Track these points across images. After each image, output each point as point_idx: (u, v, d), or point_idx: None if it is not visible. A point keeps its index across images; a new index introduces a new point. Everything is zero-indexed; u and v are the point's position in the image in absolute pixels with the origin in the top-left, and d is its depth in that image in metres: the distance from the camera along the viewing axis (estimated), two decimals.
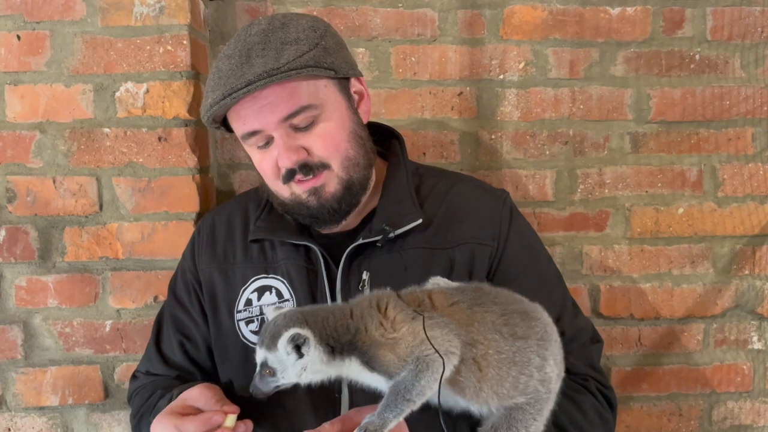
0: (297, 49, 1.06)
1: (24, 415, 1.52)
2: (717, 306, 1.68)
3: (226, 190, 1.64)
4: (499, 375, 0.96)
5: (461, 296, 1.01)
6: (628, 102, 1.65)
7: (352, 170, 1.15)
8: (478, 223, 1.21)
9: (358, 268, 1.16)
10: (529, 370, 0.98)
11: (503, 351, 0.97)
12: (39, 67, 1.47)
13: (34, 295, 1.50)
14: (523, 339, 0.98)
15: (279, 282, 1.20)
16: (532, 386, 0.98)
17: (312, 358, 0.93)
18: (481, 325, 0.98)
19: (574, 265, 1.66)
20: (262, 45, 1.06)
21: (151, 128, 1.48)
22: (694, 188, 1.66)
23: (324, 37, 1.11)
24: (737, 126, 1.66)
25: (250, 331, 1.20)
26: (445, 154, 1.64)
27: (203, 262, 1.26)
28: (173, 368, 1.27)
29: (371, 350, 0.94)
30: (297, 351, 0.93)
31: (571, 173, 1.65)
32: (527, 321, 1.01)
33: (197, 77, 1.50)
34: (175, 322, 1.29)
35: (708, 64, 1.65)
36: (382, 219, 1.17)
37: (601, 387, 1.20)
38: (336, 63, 1.11)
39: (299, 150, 1.11)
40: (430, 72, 1.62)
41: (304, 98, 1.08)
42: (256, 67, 1.04)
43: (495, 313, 0.99)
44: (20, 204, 1.49)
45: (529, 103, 1.64)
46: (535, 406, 0.99)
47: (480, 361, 0.96)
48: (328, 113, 1.11)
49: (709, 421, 1.69)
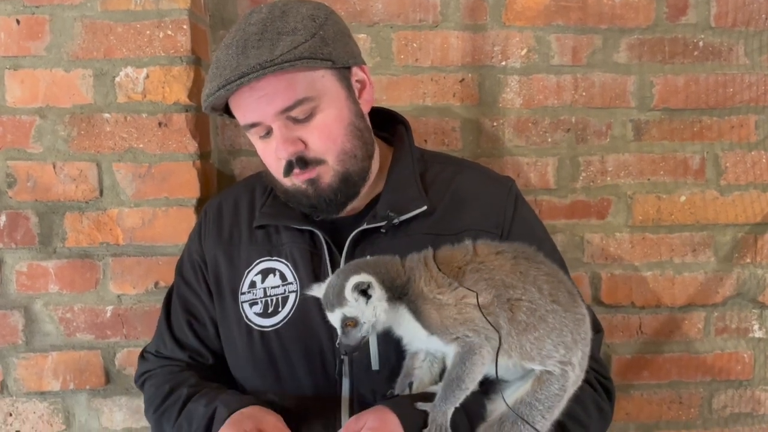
0: (293, 40, 1.05)
1: (25, 400, 1.52)
2: (718, 294, 1.67)
3: (227, 176, 1.64)
4: (527, 323, 0.97)
5: (507, 248, 1.04)
6: (631, 89, 1.64)
7: (349, 162, 1.14)
8: (483, 210, 1.21)
9: (362, 252, 1.16)
10: (557, 339, 0.98)
11: (537, 304, 0.98)
12: (39, 51, 1.46)
13: (35, 280, 1.50)
14: (562, 308, 1.00)
15: (283, 265, 1.20)
16: (553, 359, 0.98)
17: (379, 296, 0.97)
18: (524, 275, 1.00)
19: (575, 253, 1.66)
20: (259, 36, 1.05)
21: (152, 114, 1.47)
22: (696, 176, 1.66)
23: (323, 27, 1.09)
24: (740, 114, 1.65)
25: (254, 313, 1.20)
26: (446, 141, 1.63)
27: (209, 244, 1.27)
28: (184, 349, 1.27)
29: (418, 301, 0.98)
30: (364, 295, 0.97)
31: (573, 161, 1.65)
32: (571, 299, 1.02)
33: (197, 62, 1.49)
34: (183, 304, 1.29)
35: (712, 51, 1.64)
36: (387, 205, 1.17)
37: (600, 378, 1.20)
38: (334, 53, 1.09)
39: (296, 142, 1.10)
40: (431, 58, 1.61)
41: (301, 90, 1.07)
42: (251, 59, 1.03)
43: (541, 270, 1.01)
44: (20, 189, 1.48)
45: (532, 90, 1.63)
46: (547, 402, 0.99)
47: (513, 303, 0.98)
48: (326, 104, 1.10)
49: (709, 409, 1.69)
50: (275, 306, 1.19)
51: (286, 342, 1.16)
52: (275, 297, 1.19)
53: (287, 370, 1.17)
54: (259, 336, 1.19)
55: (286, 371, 1.17)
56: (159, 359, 1.29)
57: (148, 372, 1.29)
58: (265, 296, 1.20)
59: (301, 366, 1.15)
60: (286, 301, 1.18)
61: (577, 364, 1.01)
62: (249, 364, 1.21)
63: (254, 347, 1.19)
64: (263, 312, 1.19)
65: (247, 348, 1.20)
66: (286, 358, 1.16)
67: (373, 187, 1.22)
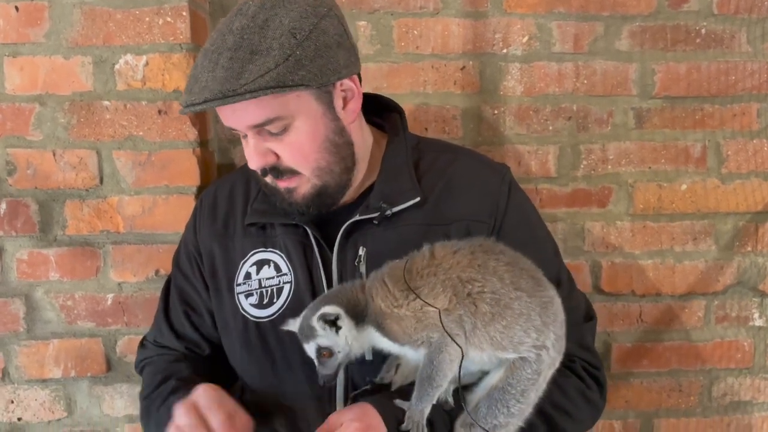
0: (262, 66, 1.00)
1: (27, 387, 1.53)
2: (719, 283, 1.67)
3: (227, 164, 1.63)
4: (493, 313, 0.98)
5: (464, 245, 1.04)
6: (633, 77, 1.63)
7: (327, 177, 1.13)
8: (476, 199, 1.20)
9: (355, 243, 1.16)
10: (526, 324, 0.99)
11: (499, 293, 0.99)
12: (38, 38, 1.46)
13: (36, 268, 1.50)
14: (526, 294, 1.00)
15: (277, 256, 1.20)
16: (526, 345, 0.99)
17: (349, 326, 1.00)
18: (482, 267, 1.00)
19: (575, 242, 1.65)
20: (232, 53, 1.00)
21: (151, 101, 1.47)
22: (697, 164, 1.65)
23: (302, 44, 1.03)
24: (742, 102, 1.64)
25: (249, 304, 1.20)
26: (447, 129, 1.63)
27: (204, 234, 1.27)
28: (181, 339, 1.28)
29: (379, 319, 1.00)
30: (333, 326, 1.00)
31: (574, 149, 1.64)
32: (535, 284, 1.02)
33: (197, 50, 1.48)
34: (180, 294, 1.29)
35: (714, 39, 1.63)
36: (380, 196, 1.17)
37: (589, 367, 1.20)
38: (308, 76, 1.03)
39: (267, 154, 1.09)
40: (432, 46, 1.60)
41: (271, 110, 1.05)
42: (217, 82, 1.00)
43: (500, 261, 1.02)
44: (20, 177, 1.48)
45: (533, 77, 1.62)
46: (519, 386, 1.00)
47: (475, 296, 0.98)
48: (300, 122, 1.08)
49: (708, 397, 1.70)
50: (270, 297, 1.19)
51: (282, 333, 1.16)
52: (270, 288, 1.20)
53: (283, 361, 1.18)
54: (254, 327, 1.19)
55: (282, 362, 1.18)
56: (157, 348, 1.29)
57: (147, 359, 1.30)
58: (260, 287, 1.20)
59: (296, 357, 1.15)
60: (281, 292, 1.19)
61: (551, 346, 1.01)
62: (245, 355, 1.21)
63: (250, 338, 1.19)
64: (258, 303, 1.20)
65: (243, 339, 1.20)
66: (282, 349, 1.17)
67: (366, 176, 1.22)
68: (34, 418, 1.53)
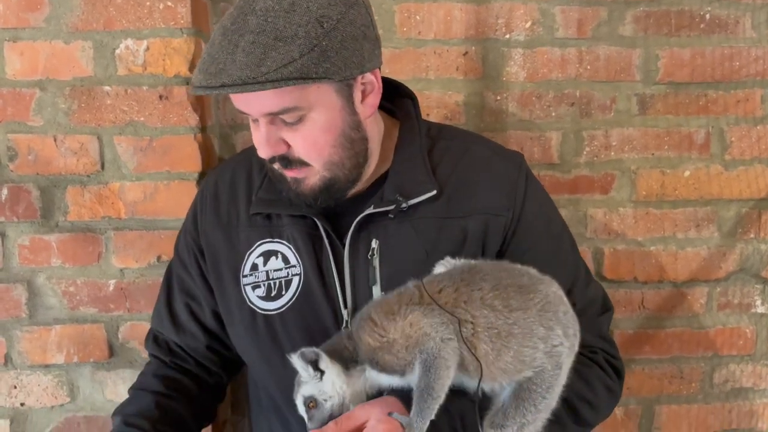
0: (286, 55, 0.95)
1: (30, 373, 1.53)
2: (721, 270, 1.67)
3: (228, 150, 1.63)
4: (495, 349, 0.95)
5: (448, 281, 1.01)
6: (636, 63, 1.62)
7: (337, 171, 1.09)
8: (493, 191, 1.17)
9: (368, 236, 1.13)
10: (532, 341, 0.97)
11: (495, 325, 0.96)
12: (38, 23, 1.45)
13: (38, 254, 1.50)
14: (521, 311, 0.97)
15: (285, 247, 1.18)
16: (539, 358, 0.97)
17: (333, 370, 0.98)
18: (468, 303, 0.97)
19: (578, 228, 1.65)
20: (254, 36, 0.95)
21: (152, 86, 1.46)
22: (701, 151, 1.65)
23: (329, 34, 0.98)
24: (746, 87, 1.63)
25: (257, 297, 1.18)
26: (449, 115, 1.62)
27: (206, 224, 1.25)
28: (180, 330, 1.28)
29: (373, 355, 0.97)
30: (316, 369, 0.97)
31: (577, 135, 1.64)
32: (523, 294, 0.99)
33: (198, 34, 1.47)
34: (179, 283, 1.29)
35: (718, 24, 1.62)
36: (395, 188, 1.13)
37: (609, 357, 1.19)
38: (333, 68, 0.99)
39: (279, 143, 1.05)
40: (434, 31, 1.59)
41: (289, 100, 1.00)
42: (236, 67, 0.95)
43: (484, 289, 0.98)
44: (21, 162, 1.48)
45: (536, 63, 1.61)
46: (543, 384, 0.98)
47: (471, 339, 0.95)
48: (317, 114, 1.03)
49: (710, 384, 1.70)
50: (278, 289, 1.17)
51: (291, 325, 1.15)
52: (278, 280, 1.17)
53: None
54: (263, 320, 1.17)
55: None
56: (157, 347, 1.30)
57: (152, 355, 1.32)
58: (267, 279, 1.18)
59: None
60: (290, 285, 1.17)
61: (563, 337, 0.99)
62: (253, 348, 1.20)
63: (258, 331, 1.18)
64: (266, 295, 1.18)
65: (251, 332, 1.19)
66: (291, 342, 1.14)
67: (378, 165, 1.18)
68: (37, 403, 1.54)
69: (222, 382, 1.34)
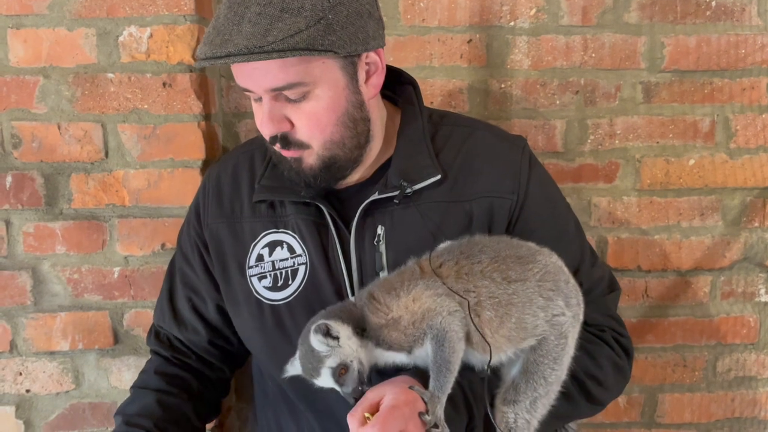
0: (292, 25, 0.96)
1: (35, 360, 1.54)
2: (725, 258, 1.67)
3: (231, 138, 1.63)
4: (498, 317, 0.98)
5: (447, 255, 1.03)
6: (642, 50, 1.61)
7: (336, 150, 1.09)
8: (497, 175, 1.17)
9: (373, 222, 1.14)
10: (532, 309, 0.99)
11: (496, 295, 0.98)
12: (41, 10, 1.44)
13: (42, 241, 1.50)
14: (520, 281, 1.00)
15: (290, 237, 1.18)
16: (541, 326, 0.99)
17: (346, 333, 0.97)
18: (470, 275, 0.99)
19: (582, 217, 1.64)
20: (260, 7, 0.97)
21: (156, 74, 1.46)
22: (706, 139, 1.64)
23: (335, 8, 0.99)
24: (752, 75, 1.62)
25: (263, 287, 1.19)
26: (453, 103, 1.62)
27: (210, 217, 1.25)
28: (182, 324, 1.28)
29: (379, 333, 0.98)
30: (333, 339, 0.96)
31: (582, 123, 1.63)
32: (522, 264, 1.01)
33: (201, 21, 1.47)
34: (182, 277, 1.29)
35: (724, 11, 1.61)
36: (399, 173, 1.13)
37: (618, 336, 1.20)
38: (339, 42, 1.00)
39: (282, 121, 1.06)
40: (439, 18, 1.59)
41: (294, 74, 1.01)
42: (242, 37, 0.96)
43: (483, 262, 1.01)
44: (26, 150, 1.48)
45: (540, 51, 1.60)
46: (549, 355, 1.00)
47: (475, 308, 0.97)
48: (321, 91, 1.04)
49: (713, 372, 1.70)
50: (285, 279, 1.17)
51: (298, 315, 1.15)
52: (284, 270, 1.18)
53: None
54: (269, 310, 1.18)
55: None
56: (159, 343, 1.31)
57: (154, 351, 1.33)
58: (273, 269, 1.18)
59: None
60: (296, 274, 1.17)
61: (565, 307, 1.01)
62: (260, 339, 1.20)
63: (265, 321, 1.18)
64: (273, 285, 1.18)
65: (258, 322, 1.19)
66: (298, 331, 1.12)
67: (382, 152, 1.19)
68: (42, 390, 1.54)
69: (225, 376, 1.35)
